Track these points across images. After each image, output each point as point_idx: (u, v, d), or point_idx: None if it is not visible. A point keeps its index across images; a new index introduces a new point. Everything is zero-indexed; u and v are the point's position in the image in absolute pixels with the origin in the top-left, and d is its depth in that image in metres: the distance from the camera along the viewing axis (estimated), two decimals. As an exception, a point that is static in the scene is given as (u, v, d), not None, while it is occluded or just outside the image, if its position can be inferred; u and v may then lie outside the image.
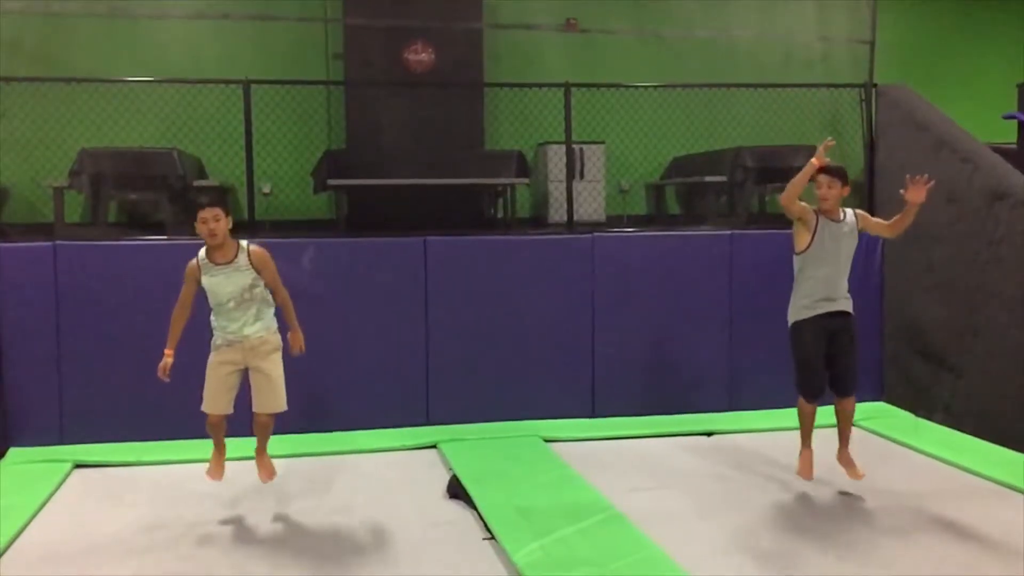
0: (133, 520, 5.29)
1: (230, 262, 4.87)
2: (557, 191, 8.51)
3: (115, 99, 8.14)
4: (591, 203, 8.68)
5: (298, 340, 5.17)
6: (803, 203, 4.99)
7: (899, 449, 6.59)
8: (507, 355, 7.26)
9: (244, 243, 4.94)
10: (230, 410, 5.04)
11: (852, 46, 9.06)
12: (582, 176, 8.72)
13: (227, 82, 7.50)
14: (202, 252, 4.92)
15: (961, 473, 5.97)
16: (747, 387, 7.52)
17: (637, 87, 8.69)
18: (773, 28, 9.73)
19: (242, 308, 4.86)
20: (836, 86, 8.74)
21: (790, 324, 5.08)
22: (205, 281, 4.87)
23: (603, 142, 9.01)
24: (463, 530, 5.09)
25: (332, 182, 7.80)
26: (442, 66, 8.70)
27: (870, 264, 7.75)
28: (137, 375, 6.67)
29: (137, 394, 6.61)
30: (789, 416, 7.22)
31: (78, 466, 6.27)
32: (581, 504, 5.29)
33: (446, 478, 5.88)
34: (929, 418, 7.16)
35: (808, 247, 4.98)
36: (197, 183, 7.96)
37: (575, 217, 7.90)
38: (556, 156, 8.55)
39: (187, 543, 4.91)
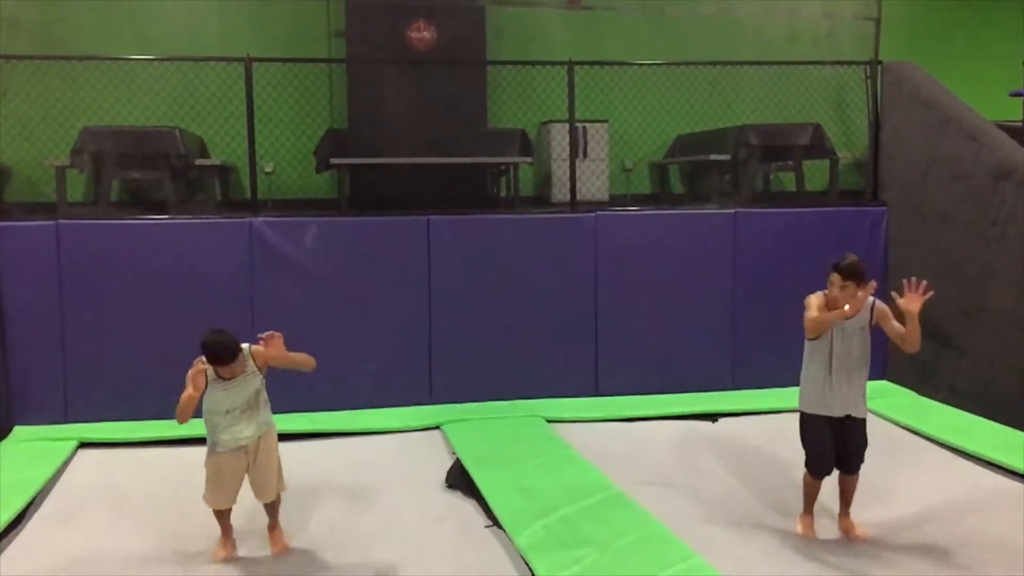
0: (136, 499, 5.31)
1: (239, 375, 4.52)
2: (560, 170, 8.48)
3: (117, 78, 8.11)
4: (594, 182, 8.65)
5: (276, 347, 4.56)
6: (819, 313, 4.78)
7: (900, 430, 6.58)
8: (510, 334, 7.26)
9: (246, 348, 4.51)
10: (235, 501, 4.68)
11: (857, 23, 9.00)
12: (585, 155, 8.67)
13: (229, 60, 7.47)
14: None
15: (964, 461, 5.92)
16: (750, 365, 7.51)
17: (641, 65, 8.63)
18: (778, 5, 9.65)
19: (249, 412, 4.55)
20: (841, 63, 8.68)
21: (799, 410, 4.98)
22: (213, 394, 4.45)
23: (606, 120, 8.96)
24: (466, 515, 5.09)
25: (334, 161, 7.78)
26: (444, 44, 8.63)
27: (874, 242, 7.73)
28: (140, 353, 6.71)
29: (141, 372, 6.64)
30: (792, 396, 7.25)
31: (83, 445, 6.29)
32: (583, 484, 5.30)
33: (449, 461, 5.88)
34: (933, 397, 7.15)
35: (817, 336, 4.84)
36: (199, 162, 7.94)
37: (578, 196, 7.88)
38: (559, 135, 8.51)
39: (190, 527, 4.91)
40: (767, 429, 6.57)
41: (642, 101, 9.00)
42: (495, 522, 4.90)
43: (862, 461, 4.88)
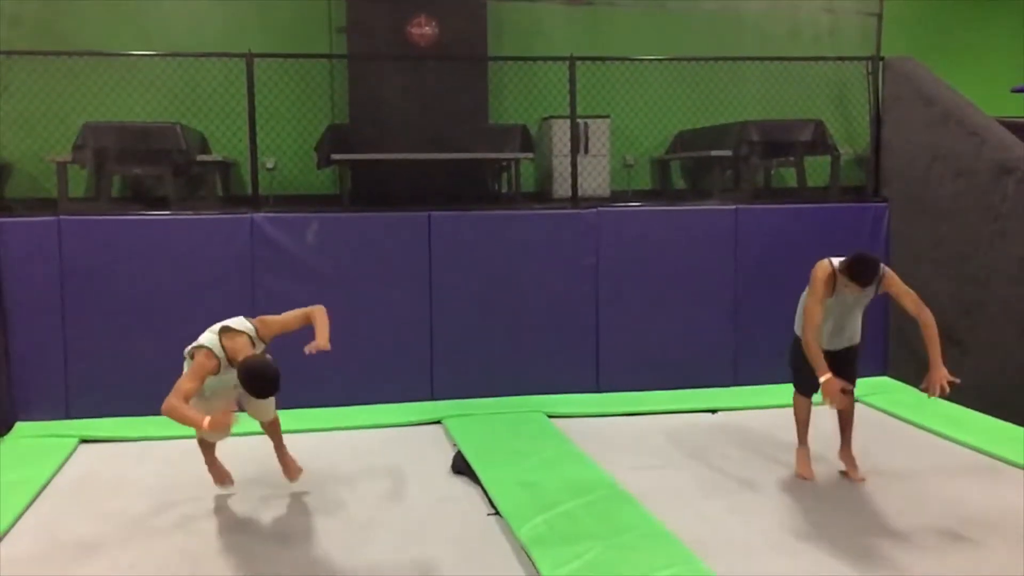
0: (138, 495, 5.32)
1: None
2: (562, 166, 8.46)
3: (118, 73, 8.11)
4: (596, 178, 8.64)
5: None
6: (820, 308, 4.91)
7: (902, 425, 6.60)
8: (512, 330, 7.26)
9: (250, 328, 4.65)
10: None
11: (860, 18, 8.98)
12: (587, 150, 8.66)
13: (230, 56, 7.46)
14: (219, 350, 4.48)
15: (964, 450, 5.98)
16: (752, 362, 7.51)
17: (642, 60, 8.62)
18: (780, 0, 9.63)
19: None
20: (843, 59, 8.67)
21: (796, 335, 5.07)
22: (217, 378, 4.49)
23: (608, 116, 8.95)
24: (468, 506, 5.11)
25: (336, 157, 7.77)
26: (446, 40, 8.62)
27: (876, 238, 7.73)
28: (142, 348, 6.71)
29: (142, 367, 6.63)
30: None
31: (84, 441, 6.30)
32: (585, 479, 5.31)
33: (451, 454, 5.91)
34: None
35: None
36: (201, 158, 7.94)
37: (580, 192, 7.87)
38: (561, 130, 8.50)
39: (193, 518, 4.95)
40: (768, 420, 6.63)
41: (644, 97, 8.98)
42: (498, 511, 4.92)
43: (856, 377, 5.07)
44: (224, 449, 5.35)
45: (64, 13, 8.48)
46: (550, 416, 6.78)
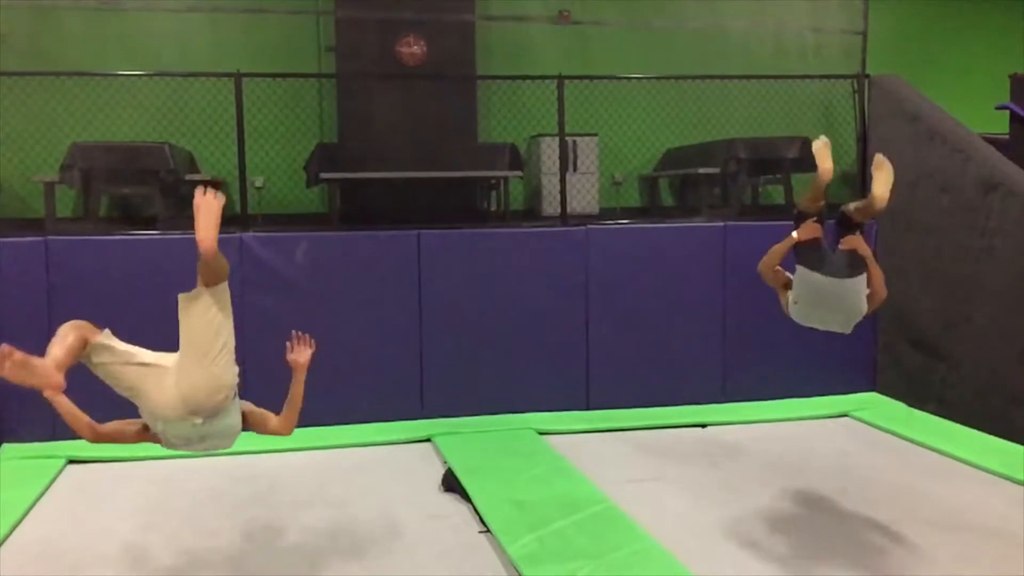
0: (127, 516, 5.28)
1: None
2: (550, 184, 8.50)
3: (106, 93, 8.10)
4: (584, 195, 8.67)
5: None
6: None
7: (891, 439, 6.63)
8: (501, 348, 7.26)
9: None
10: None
11: (844, 37, 9.06)
12: (575, 168, 8.70)
13: (218, 75, 7.48)
14: None
15: (953, 462, 6.01)
16: (740, 378, 7.53)
17: (630, 79, 8.68)
18: (765, 19, 9.72)
19: None
20: (828, 77, 8.74)
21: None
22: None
23: (596, 134, 9.00)
24: (458, 523, 5.10)
25: (325, 175, 7.78)
26: (434, 59, 8.67)
27: (863, 255, 7.76)
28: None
29: (130, 389, 6.59)
30: (782, 407, 7.28)
31: (71, 462, 6.26)
32: (576, 496, 5.31)
33: (441, 471, 5.89)
34: (922, 408, 7.18)
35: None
36: (189, 177, 7.93)
37: (568, 209, 7.89)
38: (549, 148, 8.54)
39: (181, 538, 4.92)
40: (757, 435, 6.69)
41: (632, 115, 9.04)
42: (488, 529, 4.90)
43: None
44: (215, 468, 5.32)
45: (51, 33, 8.49)
46: (541, 433, 6.78)
